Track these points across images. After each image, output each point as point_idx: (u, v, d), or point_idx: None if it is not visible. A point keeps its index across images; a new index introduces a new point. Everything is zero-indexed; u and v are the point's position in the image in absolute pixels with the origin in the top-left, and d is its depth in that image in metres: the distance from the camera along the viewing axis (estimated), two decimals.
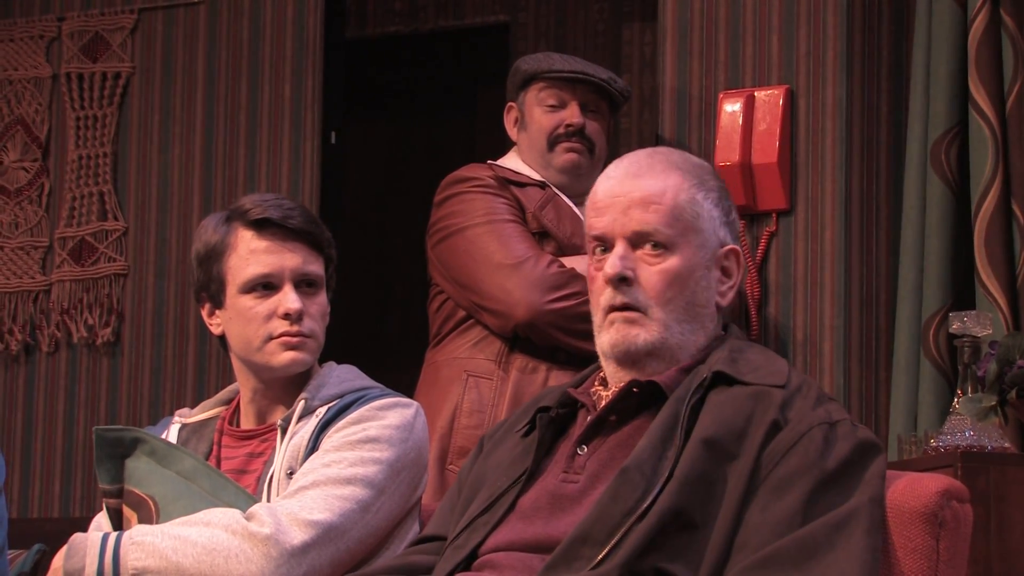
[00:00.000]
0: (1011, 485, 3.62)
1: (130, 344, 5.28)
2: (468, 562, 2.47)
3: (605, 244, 2.53)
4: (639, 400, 2.49)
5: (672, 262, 2.49)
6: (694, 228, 2.50)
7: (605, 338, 2.52)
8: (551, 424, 2.55)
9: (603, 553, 2.29)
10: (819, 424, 2.36)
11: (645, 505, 2.30)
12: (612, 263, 2.49)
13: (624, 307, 2.49)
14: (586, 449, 2.48)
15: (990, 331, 3.88)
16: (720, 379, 2.44)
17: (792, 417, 2.38)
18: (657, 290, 2.48)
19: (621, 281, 2.49)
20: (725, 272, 2.54)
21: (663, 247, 2.49)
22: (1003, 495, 3.60)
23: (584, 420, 2.53)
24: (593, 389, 2.58)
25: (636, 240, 2.50)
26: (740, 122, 4.47)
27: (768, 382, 2.42)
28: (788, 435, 2.35)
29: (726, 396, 2.41)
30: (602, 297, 2.52)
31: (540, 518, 2.44)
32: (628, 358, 2.50)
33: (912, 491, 2.39)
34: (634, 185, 2.53)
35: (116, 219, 5.34)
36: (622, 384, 2.51)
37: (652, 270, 2.49)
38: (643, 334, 2.48)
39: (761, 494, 2.31)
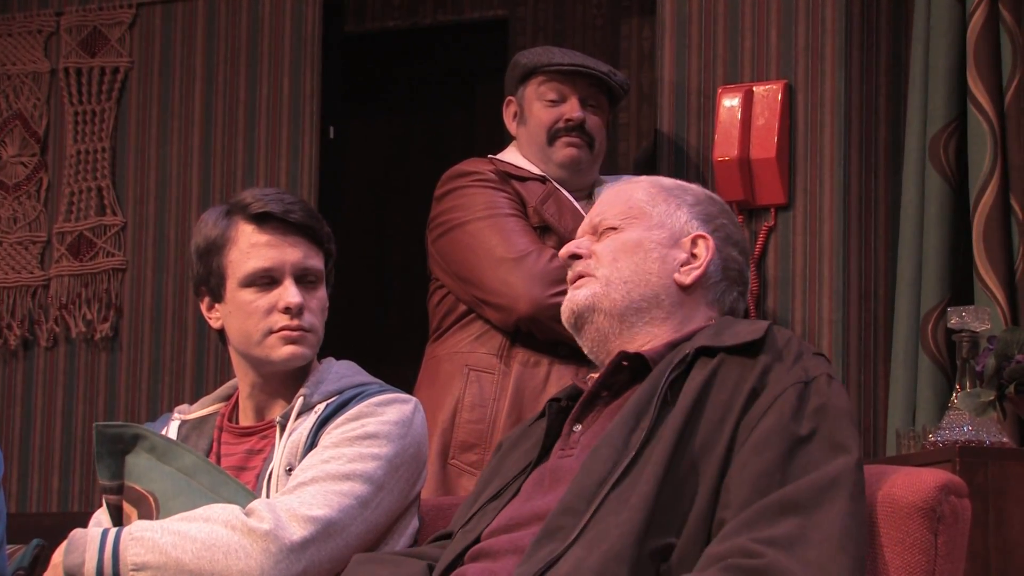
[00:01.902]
0: (1009, 480, 3.62)
1: (128, 339, 5.28)
2: (475, 544, 2.50)
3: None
4: (630, 374, 2.54)
5: (622, 234, 2.65)
6: (646, 212, 2.66)
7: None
8: (560, 414, 2.60)
9: (584, 521, 2.31)
10: (793, 384, 2.40)
11: (618, 473, 2.33)
12: (567, 245, 2.68)
13: (577, 276, 2.65)
14: (580, 426, 2.53)
15: (988, 326, 3.88)
16: (703, 353, 2.47)
17: (770, 380, 2.41)
18: (606, 254, 2.64)
19: (573, 257, 2.66)
20: (694, 256, 2.64)
21: (614, 229, 2.66)
22: (1001, 489, 3.61)
23: None
24: (590, 377, 2.63)
25: (593, 231, 2.68)
26: (739, 117, 4.47)
27: (746, 339, 2.46)
28: (765, 399, 2.39)
29: (708, 368, 2.44)
30: None
31: (539, 493, 2.49)
32: (574, 319, 2.63)
33: (910, 486, 2.39)
34: (602, 197, 2.75)
35: (114, 214, 5.34)
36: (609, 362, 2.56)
37: (605, 242, 2.65)
38: (583, 291, 2.63)
39: (740, 455, 2.34)
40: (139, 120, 5.36)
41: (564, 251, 2.67)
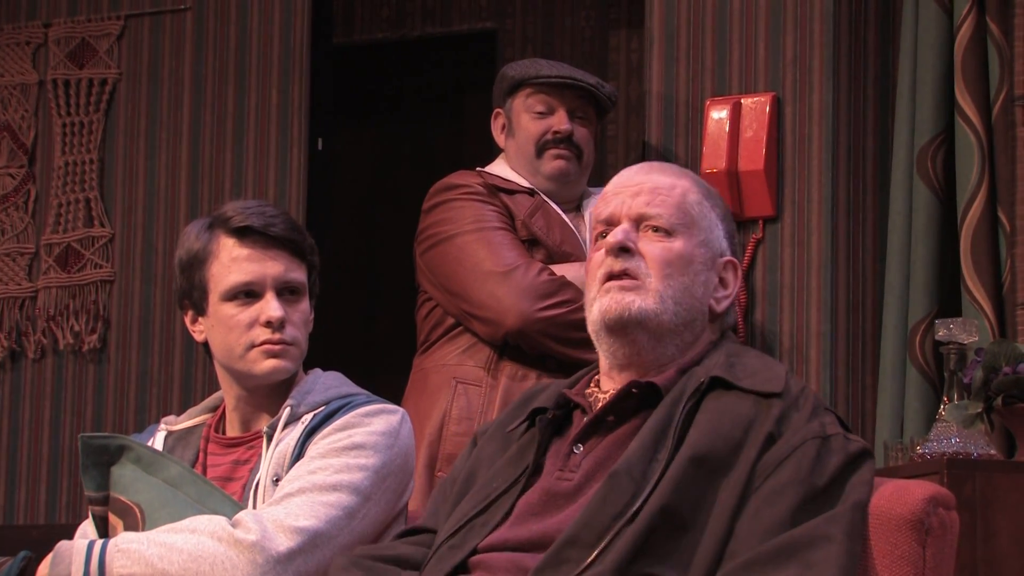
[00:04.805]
0: (997, 492, 3.62)
1: (116, 351, 5.27)
2: (465, 562, 2.47)
3: (609, 226, 2.56)
4: (637, 401, 2.50)
5: (674, 244, 2.53)
6: (697, 224, 2.56)
7: (597, 308, 2.54)
8: (548, 426, 2.56)
9: (592, 556, 2.30)
10: (812, 438, 2.38)
11: (634, 508, 2.32)
12: (614, 234, 2.53)
13: (623, 273, 2.52)
14: (582, 448, 2.49)
15: (976, 338, 3.88)
16: (717, 384, 2.45)
17: (787, 429, 2.39)
18: (658, 263, 2.52)
19: (622, 250, 2.52)
20: (722, 282, 2.58)
21: (665, 232, 2.54)
22: (989, 502, 3.61)
23: (580, 420, 2.54)
24: (589, 391, 2.59)
25: (640, 221, 2.55)
26: (727, 129, 4.47)
27: (765, 389, 2.43)
28: (782, 447, 2.37)
29: (723, 403, 2.42)
30: (600, 269, 2.54)
31: (535, 516, 2.45)
32: (619, 325, 2.51)
33: (898, 498, 2.39)
34: (645, 178, 2.59)
35: (102, 226, 5.34)
36: (619, 384, 2.52)
37: (655, 245, 2.53)
38: (638, 300, 2.51)
39: (752, 504, 2.33)
40: (127, 132, 5.36)
41: (613, 240, 2.51)
